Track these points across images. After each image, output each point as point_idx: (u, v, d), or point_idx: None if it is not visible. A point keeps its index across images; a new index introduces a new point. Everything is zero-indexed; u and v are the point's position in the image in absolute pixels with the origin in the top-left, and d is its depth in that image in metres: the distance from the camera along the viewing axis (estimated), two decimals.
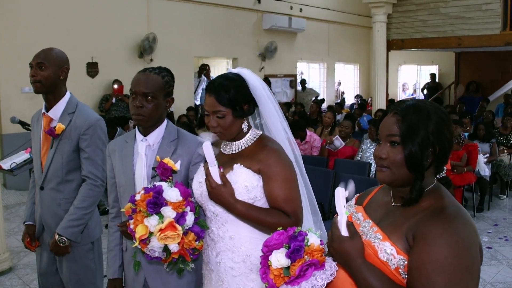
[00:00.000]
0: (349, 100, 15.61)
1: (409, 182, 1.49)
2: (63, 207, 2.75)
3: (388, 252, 1.45)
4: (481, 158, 6.97)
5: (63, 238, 2.68)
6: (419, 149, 1.45)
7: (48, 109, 2.77)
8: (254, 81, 2.05)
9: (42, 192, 2.80)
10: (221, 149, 2.12)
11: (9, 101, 7.75)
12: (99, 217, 2.93)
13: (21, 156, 3.39)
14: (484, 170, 7.00)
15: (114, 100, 8.73)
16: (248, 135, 2.07)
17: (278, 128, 2.13)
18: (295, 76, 13.56)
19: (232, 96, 1.97)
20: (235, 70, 2.08)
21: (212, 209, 2.03)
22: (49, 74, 2.68)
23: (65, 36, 8.28)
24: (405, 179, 1.49)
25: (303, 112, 10.39)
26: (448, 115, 1.54)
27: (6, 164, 3.37)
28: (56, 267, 2.85)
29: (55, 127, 2.70)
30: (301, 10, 13.03)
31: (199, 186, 2.06)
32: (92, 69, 8.93)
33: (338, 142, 6.61)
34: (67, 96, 2.79)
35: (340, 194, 1.51)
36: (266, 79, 11.42)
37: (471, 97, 14.28)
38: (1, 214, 4.68)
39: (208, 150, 1.92)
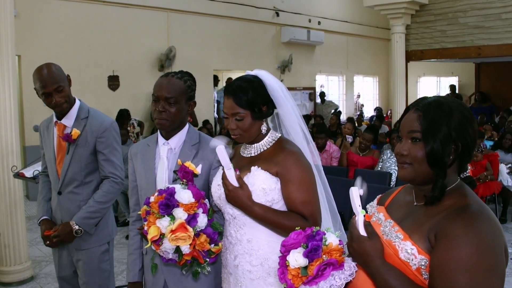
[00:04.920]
0: (369, 112, 15.52)
1: (431, 180, 1.46)
2: None
3: (409, 252, 1.42)
4: (504, 168, 6.86)
5: (81, 229, 2.74)
6: (441, 145, 1.41)
7: (59, 117, 2.82)
8: (272, 82, 2.03)
9: (60, 197, 2.85)
10: (240, 152, 2.11)
11: (32, 114, 7.87)
12: (113, 217, 3.04)
13: None
14: (507, 180, 6.87)
15: None
16: (267, 137, 2.05)
17: (297, 130, 2.10)
18: (314, 88, 13.56)
19: (251, 98, 1.95)
20: (253, 72, 2.07)
21: (230, 211, 2.02)
22: (66, 92, 2.76)
23: (86, 49, 8.44)
24: (427, 177, 1.46)
25: (322, 124, 10.34)
26: (471, 112, 1.51)
27: (29, 172, 3.43)
28: (74, 269, 2.90)
29: (70, 132, 2.76)
30: (319, 23, 13.08)
31: (217, 189, 2.06)
32: (113, 82, 9.08)
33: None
34: (77, 103, 2.86)
35: (354, 193, 1.49)
36: None
37: (480, 107, 14.05)
38: (24, 225, 4.76)
39: (222, 154, 1.91)
